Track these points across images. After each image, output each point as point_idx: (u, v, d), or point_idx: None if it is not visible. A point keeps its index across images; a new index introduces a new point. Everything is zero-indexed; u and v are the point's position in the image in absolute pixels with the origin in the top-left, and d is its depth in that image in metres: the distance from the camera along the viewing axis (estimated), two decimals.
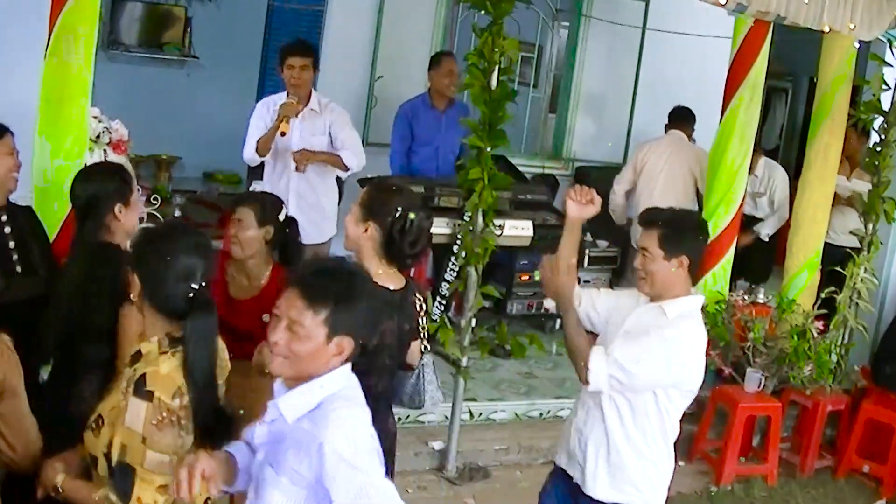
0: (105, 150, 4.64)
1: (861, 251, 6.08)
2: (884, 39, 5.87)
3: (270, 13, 8.59)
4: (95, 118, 4.58)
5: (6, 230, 3.42)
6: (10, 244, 3.42)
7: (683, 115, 6.89)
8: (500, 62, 4.67)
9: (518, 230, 6.12)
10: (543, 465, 3.43)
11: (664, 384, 3.13)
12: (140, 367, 2.44)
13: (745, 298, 5.87)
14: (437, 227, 5.14)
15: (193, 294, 2.45)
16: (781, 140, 12.01)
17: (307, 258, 3.70)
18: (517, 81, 6.24)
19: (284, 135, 5.27)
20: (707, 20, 6.92)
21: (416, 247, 3.09)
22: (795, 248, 6.13)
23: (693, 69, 7.67)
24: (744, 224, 6.54)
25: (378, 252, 3.07)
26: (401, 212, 3.03)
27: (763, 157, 7.08)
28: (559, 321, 3.91)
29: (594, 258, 6.99)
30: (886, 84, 6.01)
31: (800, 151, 9.12)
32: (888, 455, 5.61)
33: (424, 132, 6.27)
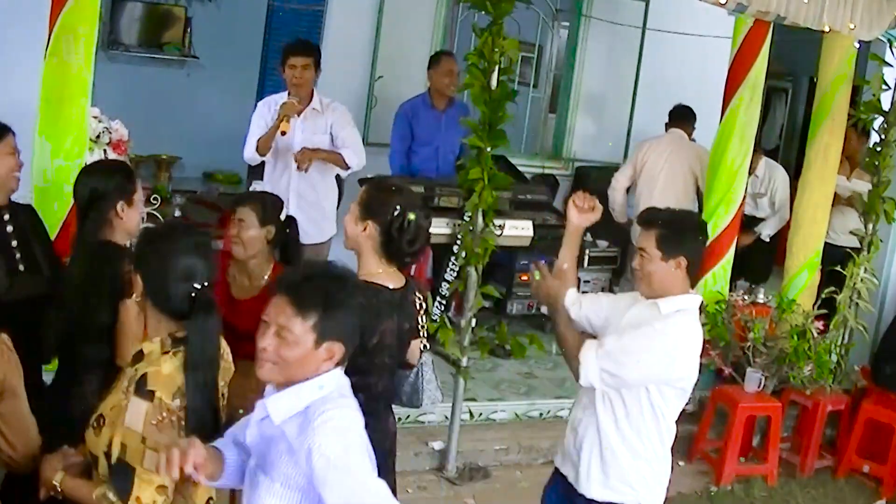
0: (105, 150, 4.64)
1: (861, 251, 6.09)
2: (884, 39, 5.87)
3: (270, 13, 8.59)
4: (95, 118, 4.58)
5: (8, 229, 3.42)
6: (13, 243, 3.42)
7: (684, 114, 6.88)
8: (500, 62, 4.66)
9: (518, 230, 6.12)
10: (543, 465, 3.43)
11: (655, 378, 3.12)
12: (142, 367, 2.44)
13: (745, 298, 5.87)
14: (437, 227, 5.15)
15: (196, 294, 2.45)
16: (781, 140, 12.00)
17: (305, 259, 3.70)
18: (517, 81, 6.23)
19: (284, 134, 5.27)
20: (707, 20, 6.92)
21: (415, 245, 3.09)
22: (795, 248, 6.13)
23: (693, 69, 7.67)
24: (744, 224, 6.54)
25: (377, 251, 3.07)
26: (399, 210, 3.03)
27: (764, 158, 7.08)
28: None
29: (594, 258, 6.97)
30: (886, 84, 6.02)
31: (800, 151, 9.12)
32: (888, 455, 5.61)
33: (424, 132, 6.26)
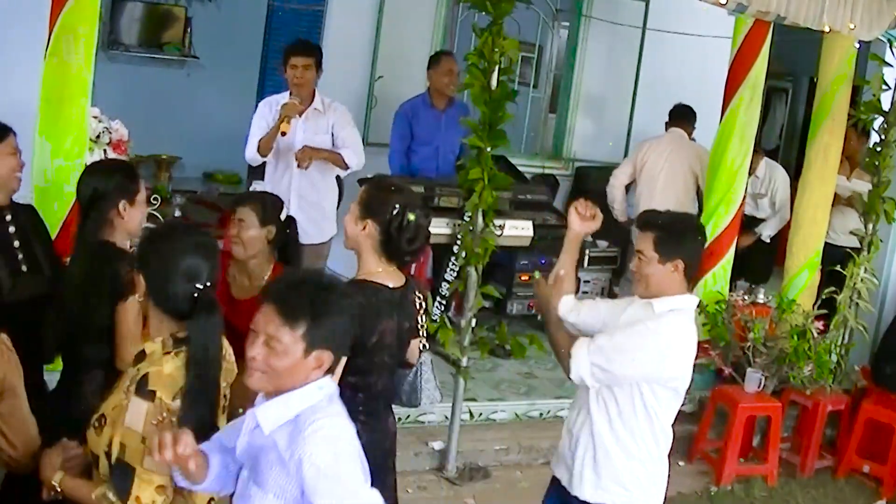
0: (105, 150, 4.64)
1: (861, 251, 6.08)
2: (884, 39, 5.87)
3: (270, 13, 8.60)
4: (95, 118, 4.58)
5: (10, 229, 3.41)
6: (15, 243, 3.41)
7: (684, 113, 6.87)
8: (500, 62, 4.66)
9: (518, 230, 6.12)
10: (543, 465, 3.43)
11: (646, 376, 3.11)
12: (143, 367, 2.44)
13: (745, 298, 5.87)
14: (437, 228, 5.15)
15: (198, 294, 2.45)
16: (781, 140, 12.00)
17: (293, 269, 3.68)
18: (517, 81, 6.24)
19: (285, 135, 5.27)
20: (707, 20, 6.92)
21: (414, 244, 3.09)
22: (795, 248, 6.13)
23: (693, 69, 7.67)
24: (745, 225, 6.54)
25: (377, 250, 3.07)
26: (398, 209, 3.03)
27: (764, 158, 7.08)
28: None
29: (594, 258, 6.97)
30: (886, 84, 6.01)
31: (800, 151, 9.12)
32: (888, 455, 5.60)
33: (424, 132, 6.26)
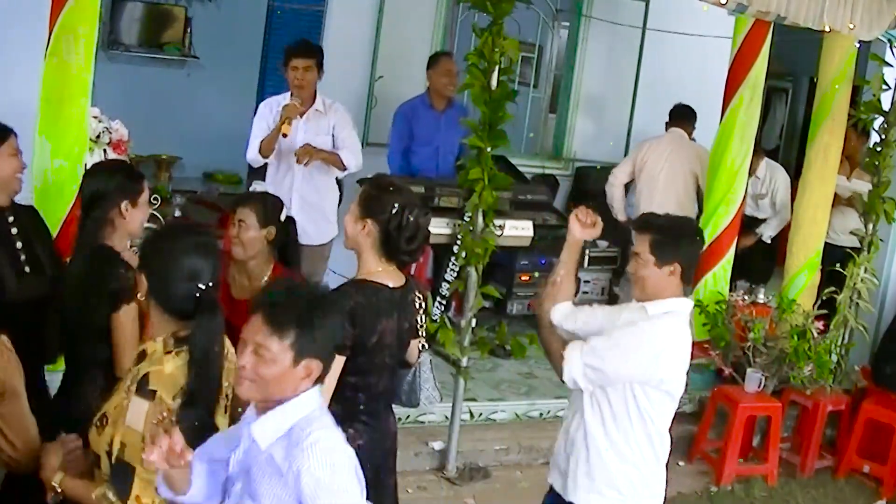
0: (105, 150, 4.64)
1: (861, 251, 6.08)
2: (884, 39, 5.87)
3: (270, 13, 8.59)
4: (95, 118, 4.58)
5: (13, 231, 3.41)
6: (18, 244, 3.41)
7: (684, 113, 6.86)
8: (501, 62, 4.66)
9: (518, 230, 6.10)
10: (543, 465, 3.42)
11: (638, 377, 3.10)
12: (144, 367, 2.44)
13: (746, 298, 5.87)
14: (437, 228, 5.15)
15: (199, 294, 2.45)
16: (781, 140, 12.00)
17: (282, 280, 3.67)
18: (517, 81, 6.23)
19: (287, 136, 5.26)
20: (707, 20, 6.90)
21: (414, 243, 3.08)
22: (795, 249, 6.13)
23: (693, 69, 7.66)
24: (745, 226, 6.54)
25: (377, 249, 3.06)
26: (397, 208, 3.03)
27: (765, 159, 7.07)
28: None
29: (594, 258, 6.96)
30: (886, 84, 6.01)
31: (800, 151, 9.12)
32: (888, 455, 5.60)
33: (423, 132, 6.25)
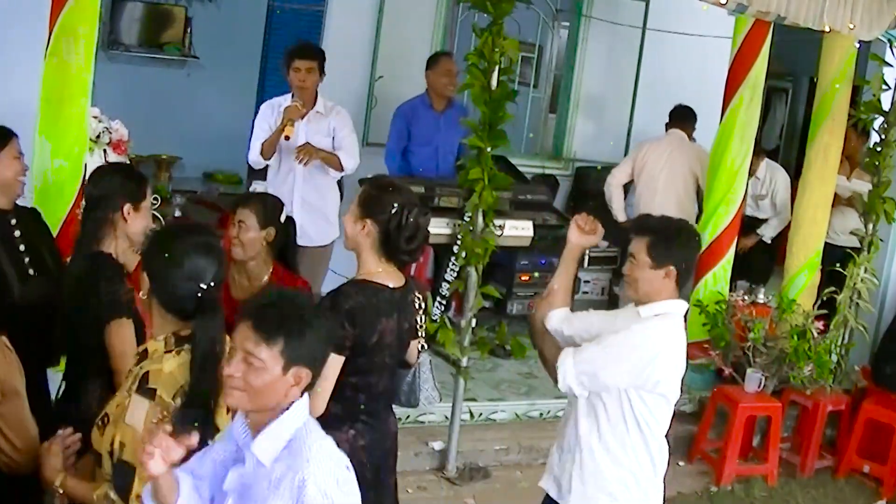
0: (105, 150, 4.64)
1: (861, 251, 6.08)
2: (884, 39, 5.87)
3: (270, 13, 8.58)
4: (95, 118, 4.57)
5: (16, 234, 3.40)
6: (22, 247, 3.40)
7: (684, 115, 6.86)
8: (501, 62, 4.66)
9: (518, 230, 6.10)
10: (543, 466, 3.41)
11: (632, 380, 3.10)
12: (145, 366, 2.45)
13: (746, 298, 5.87)
14: (437, 228, 5.15)
15: (201, 294, 2.45)
16: (781, 140, 12.00)
17: (270, 286, 3.66)
18: (517, 81, 6.23)
19: (289, 138, 5.27)
20: (707, 20, 6.90)
21: (414, 243, 3.07)
22: (796, 248, 6.13)
23: (693, 69, 7.66)
24: (746, 226, 6.54)
25: (376, 249, 3.06)
26: (397, 208, 3.02)
27: (765, 160, 7.07)
28: None
29: (594, 258, 6.96)
30: (886, 84, 6.01)
31: (800, 151, 9.12)
32: (888, 455, 5.60)
33: (423, 132, 6.25)
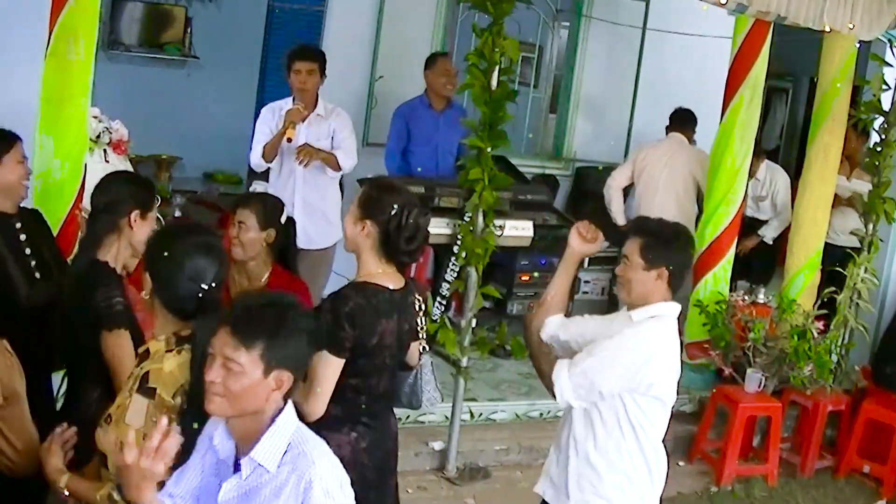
0: (105, 150, 4.64)
1: (861, 251, 6.09)
2: (884, 39, 5.87)
3: (270, 13, 8.59)
4: (95, 118, 4.57)
5: (21, 237, 3.40)
6: (27, 251, 3.40)
7: (684, 118, 6.83)
8: (501, 62, 4.66)
9: (518, 230, 6.10)
10: (543, 466, 3.42)
11: (627, 385, 3.08)
12: (146, 365, 2.45)
13: (746, 299, 5.88)
14: (437, 228, 5.15)
15: (202, 294, 2.46)
16: (781, 140, 12.00)
17: (258, 291, 3.65)
18: (517, 81, 6.23)
19: (291, 141, 5.27)
20: (707, 20, 6.90)
21: (413, 244, 3.07)
22: (796, 249, 6.13)
23: (693, 69, 7.66)
24: (747, 227, 6.54)
25: (376, 250, 3.05)
26: (397, 209, 3.02)
27: (765, 161, 7.06)
28: None
29: (594, 258, 6.93)
30: (886, 84, 6.01)
31: (800, 152, 9.13)
32: (888, 455, 5.60)
33: (422, 132, 6.25)
